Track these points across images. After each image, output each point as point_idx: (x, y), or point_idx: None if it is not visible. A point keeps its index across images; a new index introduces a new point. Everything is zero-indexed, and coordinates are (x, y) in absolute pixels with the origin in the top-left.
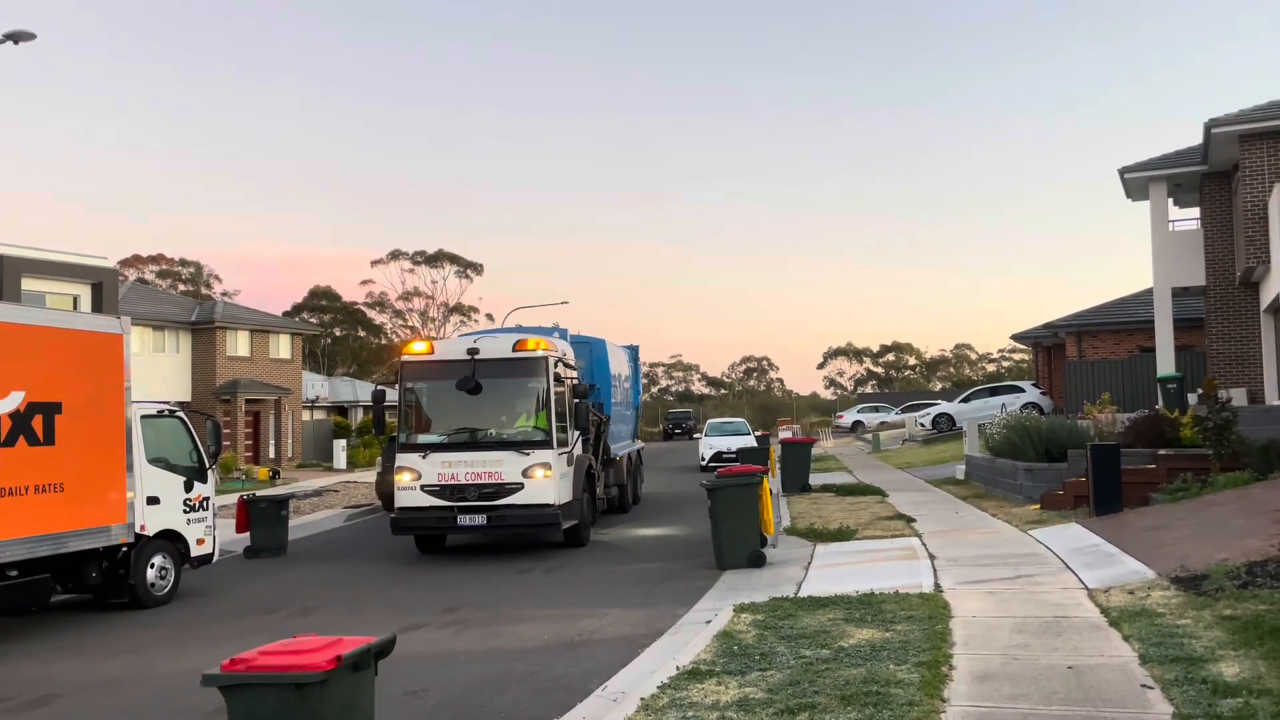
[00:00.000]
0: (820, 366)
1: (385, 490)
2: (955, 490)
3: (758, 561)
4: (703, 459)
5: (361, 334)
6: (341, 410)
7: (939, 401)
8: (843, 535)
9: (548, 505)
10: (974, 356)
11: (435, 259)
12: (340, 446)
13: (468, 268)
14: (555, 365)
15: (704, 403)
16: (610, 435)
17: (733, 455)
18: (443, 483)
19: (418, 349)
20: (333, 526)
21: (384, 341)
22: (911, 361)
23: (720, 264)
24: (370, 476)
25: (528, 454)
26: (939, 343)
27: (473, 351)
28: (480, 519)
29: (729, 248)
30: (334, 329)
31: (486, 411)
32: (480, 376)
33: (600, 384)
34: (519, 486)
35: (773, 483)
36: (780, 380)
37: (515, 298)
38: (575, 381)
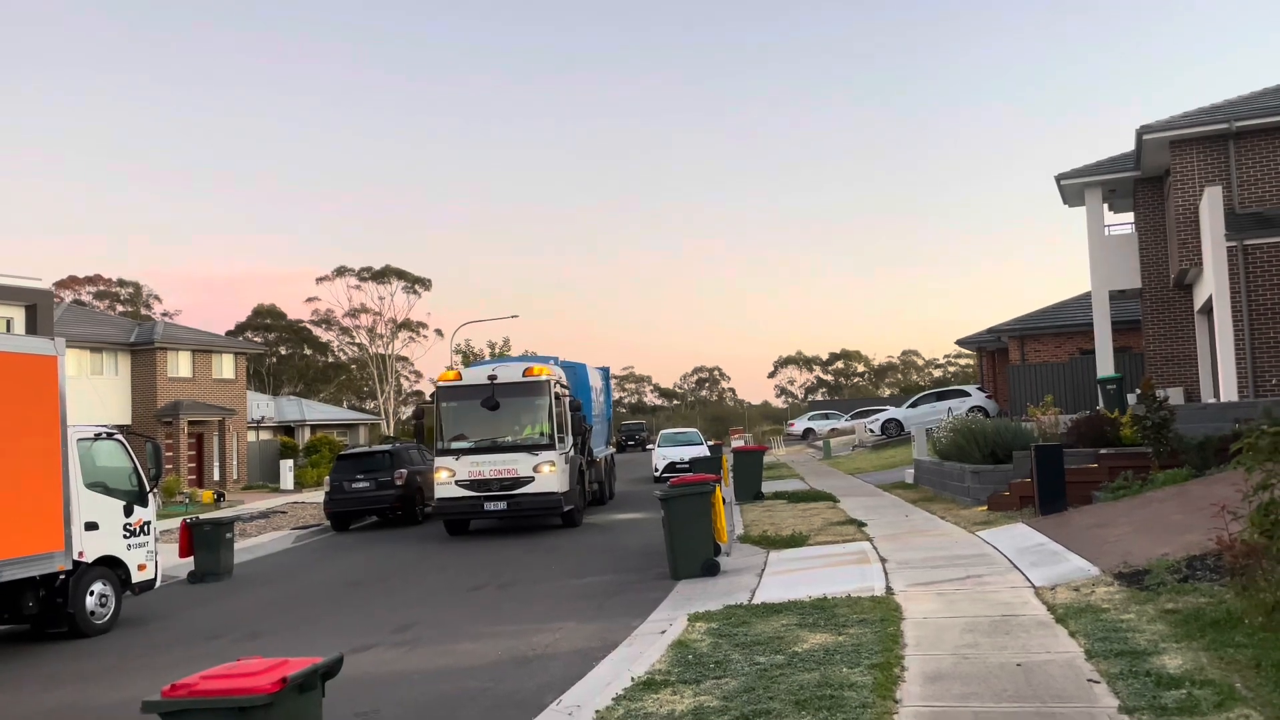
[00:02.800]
0: (771, 375)
1: (334, 510)
2: (905, 494)
3: (712, 570)
4: (656, 470)
5: (308, 352)
6: (288, 430)
7: (887, 407)
8: (795, 541)
9: (553, 493)
10: (921, 362)
11: (382, 275)
12: (287, 467)
13: (415, 283)
14: (555, 386)
15: (657, 414)
16: (592, 441)
17: (686, 465)
18: (472, 478)
19: (449, 377)
20: (280, 548)
21: (331, 359)
22: (860, 369)
23: (669, 275)
24: (318, 496)
25: (537, 454)
26: (886, 349)
27: (492, 377)
28: (502, 505)
29: (677, 259)
30: (279, 348)
31: (504, 423)
32: (498, 396)
33: (583, 400)
34: (531, 479)
35: (725, 491)
36: (732, 390)
37: (464, 312)
38: (569, 398)
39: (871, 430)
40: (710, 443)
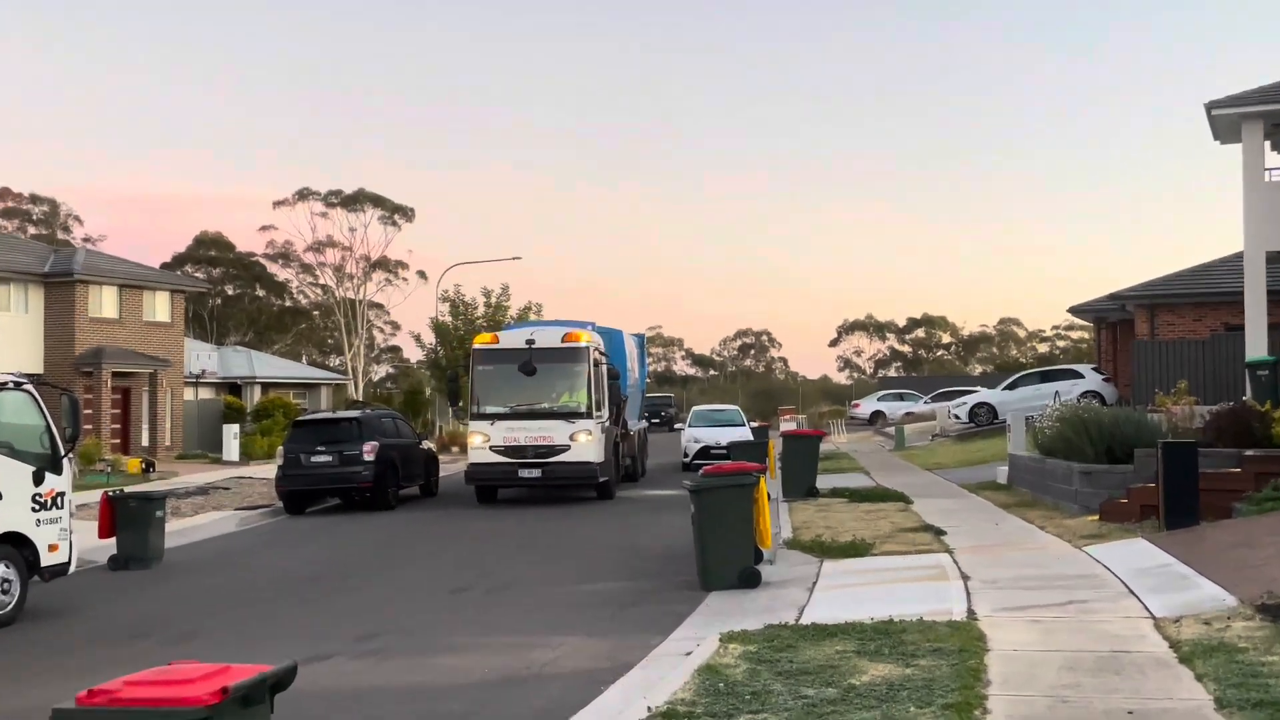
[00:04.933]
0: (833, 344)
1: (288, 489)
2: (995, 497)
3: (751, 581)
4: (686, 455)
5: (260, 293)
6: (234, 388)
7: (978, 389)
8: (856, 550)
9: (589, 463)
10: (1022, 334)
11: (354, 200)
12: (232, 434)
13: (395, 212)
14: (593, 353)
15: (688, 386)
16: (626, 413)
17: (723, 451)
18: (507, 444)
19: (486, 339)
20: (222, 532)
21: (288, 303)
22: (945, 339)
23: (712, 217)
24: (268, 471)
25: (574, 422)
26: (980, 317)
27: (530, 341)
28: (537, 473)
29: (723, 197)
30: (225, 286)
31: (541, 389)
32: (536, 361)
33: (619, 369)
34: (567, 448)
35: (771, 485)
36: (783, 360)
37: (453, 250)
38: (606, 365)
39: (957, 416)
40: (754, 424)
